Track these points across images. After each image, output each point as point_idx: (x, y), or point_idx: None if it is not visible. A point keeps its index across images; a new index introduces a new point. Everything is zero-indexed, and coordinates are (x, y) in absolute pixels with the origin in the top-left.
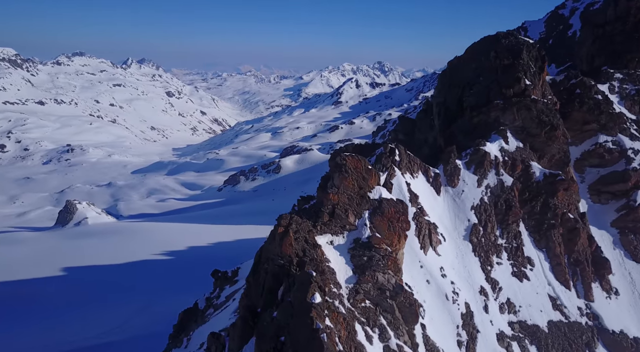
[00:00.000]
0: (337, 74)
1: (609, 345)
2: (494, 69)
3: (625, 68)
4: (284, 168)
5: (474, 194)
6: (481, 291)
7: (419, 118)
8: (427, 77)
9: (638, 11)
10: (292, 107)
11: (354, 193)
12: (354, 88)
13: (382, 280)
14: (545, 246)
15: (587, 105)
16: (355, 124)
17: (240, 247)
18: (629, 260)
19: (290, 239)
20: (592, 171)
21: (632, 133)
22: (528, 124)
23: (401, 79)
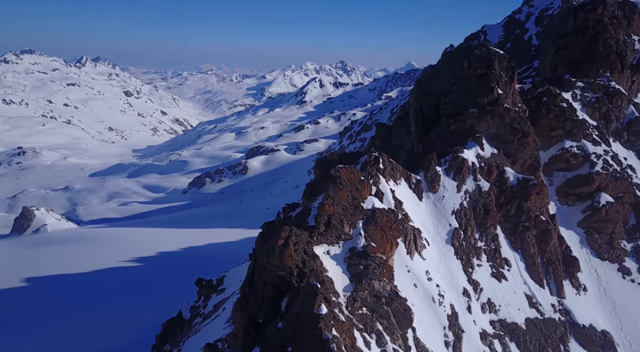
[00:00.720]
0: (300, 73)
1: (580, 339)
2: (468, 78)
3: (585, 77)
4: (250, 169)
5: (454, 199)
6: (464, 293)
7: (396, 124)
8: (389, 77)
9: (595, 24)
10: (256, 107)
11: (348, 204)
12: (318, 88)
13: (378, 287)
14: (520, 247)
15: (554, 112)
16: (320, 123)
17: (212, 251)
18: (594, 258)
19: (290, 251)
20: (559, 175)
21: (594, 138)
22: (501, 132)
23: (363, 78)
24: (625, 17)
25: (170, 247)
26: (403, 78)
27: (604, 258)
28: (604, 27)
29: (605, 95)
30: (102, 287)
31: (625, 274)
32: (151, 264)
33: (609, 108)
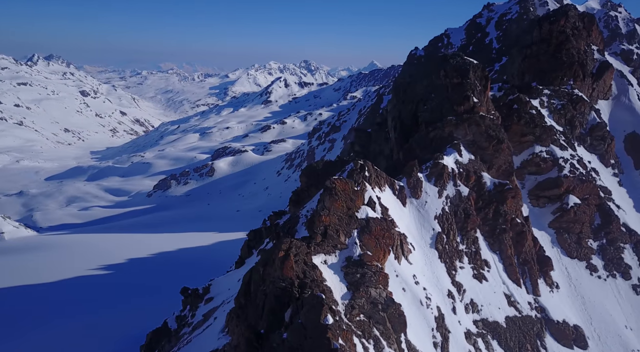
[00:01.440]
0: (264, 73)
1: (555, 334)
2: (445, 87)
3: (551, 85)
4: (217, 171)
5: (436, 204)
6: (449, 294)
7: (374, 131)
8: (354, 77)
9: (559, 34)
10: (220, 107)
11: (343, 214)
12: (283, 87)
13: (375, 294)
14: (498, 249)
15: (524, 119)
16: (287, 123)
17: (184, 257)
18: (564, 256)
19: (291, 263)
20: (530, 178)
21: (561, 144)
22: (478, 138)
23: (328, 78)
24: (585, 28)
25: (141, 253)
26: (367, 78)
27: (573, 256)
28: (567, 38)
29: (569, 102)
30: (73, 298)
31: (592, 271)
32: (122, 272)
33: (574, 114)
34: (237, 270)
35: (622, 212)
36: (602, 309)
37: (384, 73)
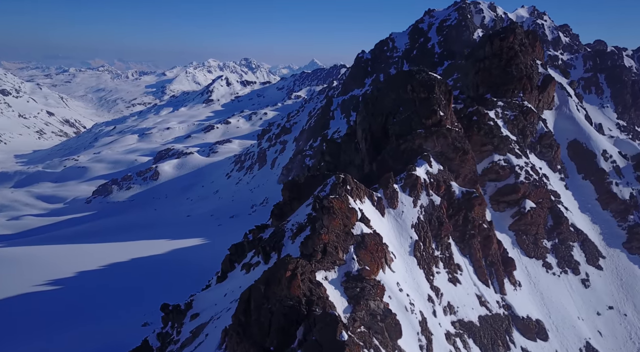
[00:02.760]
0: (203, 71)
1: (521, 329)
2: (412, 101)
3: (503, 96)
4: (162, 174)
5: (412, 213)
6: (429, 299)
7: (344, 141)
8: (297, 76)
9: (508, 50)
10: (159, 106)
11: (340, 231)
12: (225, 86)
13: (374, 306)
14: (468, 253)
15: (484, 130)
16: (231, 123)
17: (139, 268)
18: (524, 256)
19: (298, 282)
20: (490, 185)
21: (516, 152)
22: (445, 150)
23: (269, 76)
24: (530, 45)
25: (90, 265)
26: (310, 77)
27: (531, 256)
28: (515, 54)
29: (521, 114)
30: (22, 319)
31: (548, 268)
32: (73, 287)
33: (525, 124)
34: (219, 284)
35: (570, 214)
36: (558, 303)
37: (327, 72)
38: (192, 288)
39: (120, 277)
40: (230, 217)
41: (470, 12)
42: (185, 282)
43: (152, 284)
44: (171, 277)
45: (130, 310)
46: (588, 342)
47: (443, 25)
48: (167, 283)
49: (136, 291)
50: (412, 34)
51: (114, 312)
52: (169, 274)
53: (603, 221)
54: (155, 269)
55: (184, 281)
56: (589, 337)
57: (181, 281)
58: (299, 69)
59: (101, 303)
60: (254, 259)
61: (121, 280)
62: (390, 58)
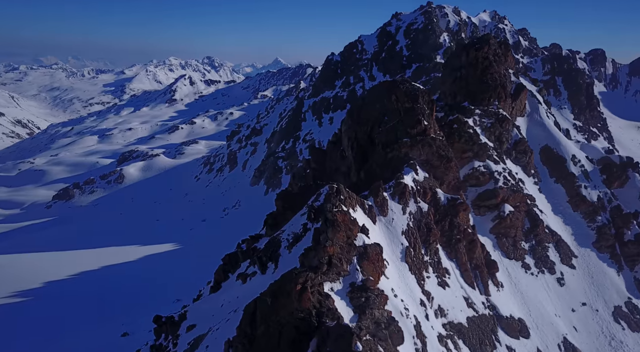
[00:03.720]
0: (164, 69)
1: (505, 328)
2: (397, 110)
3: (480, 104)
4: (127, 177)
5: (401, 221)
6: (421, 303)
7: (329, 149)
8: (262, 75)
9: (483, 60)
10: (119, 106)
11: (344, 243)
12: (188, 85)
13: (378, 315)
14: (455, 257)
15: (464, 137)
16: (196, 123)
17: (112, 276)
18: (504, 258)
19: (308, 295)
20: (471, 190)
21: (494, 158)
22: (430, 158)
23: (232, 74)
24: (503, 54)
25: (59, 274)
26: (276, 77)
27: (510, 258)
28: (490, 63)
29: (497, 121)
30: None
31: (526, 269)
32: (43, 297)
33: (501, 132)
34: (213, 295)
35: (545, 216)
36: (537, 301)
37: (293, 72)
38: (170, 297)
39: (93, 286)
40: (202, 220)
41: (436, 16)
42: (161, 291)
43: (127, 292)
44: (146, 285)
45: (107, 320)
46: (565, 338)
47: (410, 29)
48: (143, 291)
49: (111, 301)
50: (381, 37)
51: (90, 324)
52: (144, 281)
53: (574, 222)
54: (129, 276)
55: (160, 289)
56: (566, 333)
57: (158, 289)
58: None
59: (76, 314)
60: (249, 269)
61: (93, 289)
62: (359, 60)
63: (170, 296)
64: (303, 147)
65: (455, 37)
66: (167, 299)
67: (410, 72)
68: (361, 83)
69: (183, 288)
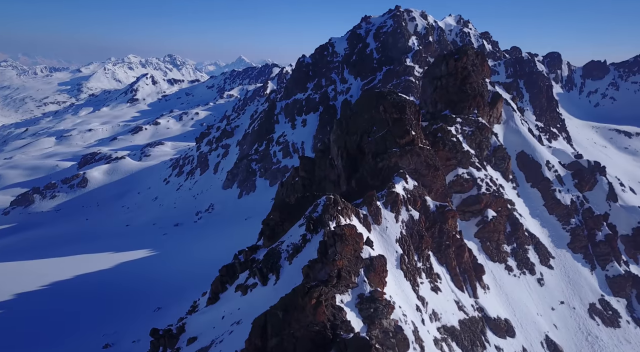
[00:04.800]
0: (123, 67)
1: (493, 328)
2: (385, 121)
3: (461, 113)
4: (91, 181)
5: (395, 229)
6: (417, 308)
7: (318, 157)
8: (227, 74)
9: (462, 70)
10: (77, 106)
11: (351, 256)
12: (151, 84)
13: (386, 324)
14: (445, 262)
15: (448, 145)
16: (160, 124)
17: (87, 285)
18: (489, 261)
19: (323, 308)
20: (456, 196)
21: (476, 165)
22: (419, 167)
23: (195, 73)
24: (480, 64)
25: (30, 285)
26: (241, 76)
27: (495, 260)
28: (469, 73)
29: (477, 129)
30: None
31: (509, 271)
32: (16, 311)
33: (481, 139)
34: (212, 306)
35: (524, 219)
36: (520, 301)
37: (259, 71)
38: (151, 305)
39: (68, 297)
40: (174, 225)
41: (405, 19)
42: (141, 299)
43: (104, 302)
44: (124, 294)
45: (86, 332)
46: (547, 336)
47: (380, 32)
48: (121, 300)
49: (87, 311)
50: (351, 40)
51: (68, 336)
52: (121, 290)
53: (550, 225)
54: (104, 285)
55: (139, 298)
56: (548, 331)
57: (136, 298)
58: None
59: (54, 327)
60: (249, 281)
61: (70, 300)
62: (330, 63)
63: (151, 304)
64: (277, 149)
65: (424, 41)
66: (148, 307)
67: (381, 74)
68: (333, 85)
69: (164, 296)
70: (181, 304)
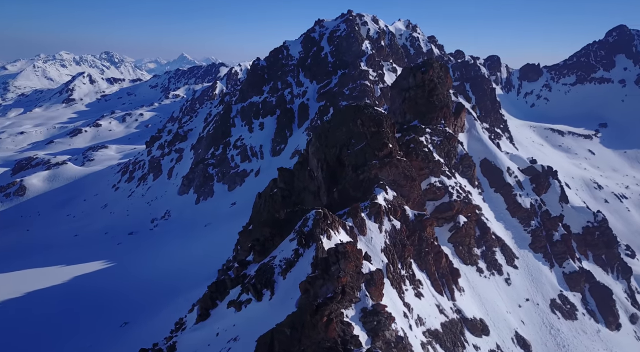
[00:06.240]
0: (55, 65)
1: (470, 329)
2: (363, 134)
3: (429, 123)
4: (30, 189)
5: (379, 239)
6: (404, 315)
7: (296, 169)
8: (172, 73)
9: (429, 82)
10: (4, 106)
11: (354, 271)
12: (88, 83)
13: (388, 336)
14: (425, 268)
15: (420, 156)
16: (102, 126)
17: (42, 302)
18: (462, 264)
19: (334, 325)
20: (430, 204)
21: (447, 174)
22: (397, 178)
23: (135, 71)
24: (444, 76)
25: None
26: (187, 75)
27: (467, 263)
28: (435, 86)
29: (445, 139)
30: None
31: (480, 273)
32: None
33: (449, 148)
34: (203, 323)
35: (490, 223)
36: (492, 301)
37: (205, 70)
38: (115, 321)
39: (16, 317)
40: (129, 234)
41: (357, 24)
42: (102, 315)
43: (61, 321)
44: (83, 310)
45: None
46: (516, 332)
47: (334, 36)
48: (81, 317)
49: (44, 331)
50: (305, 43)
51: None
52: (79, 306)
53: (513, 227)
54: (59, 302)
55: (101, 313)
56: (517, 327)
57: (97, 314)
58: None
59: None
60: (243, 297)
61: (18, 320)
62: (285, 66)
63: (115, 320)
64: (235, 153)
65: (376, 45)
66: (112, 323)
67: (337, 78)
68: (289, 88)
69: (128, 310)
70: (150, 318)
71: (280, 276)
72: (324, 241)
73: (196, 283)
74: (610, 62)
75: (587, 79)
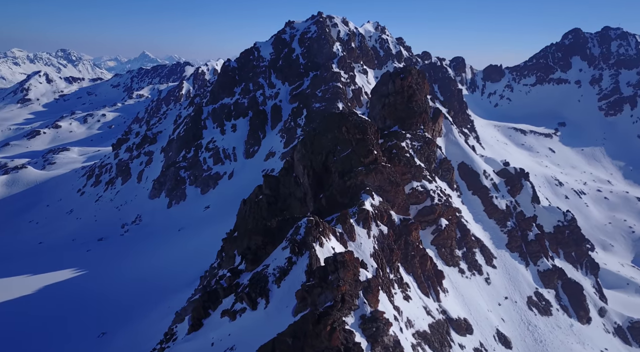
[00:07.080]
0: (7, 63)
1: (455, 328)
2: (349, 141)
3: (409, 129)
4: None
5: (368, 244)
6: (395, 318)
7: (282, 175)
8: (134, 72)
9: (408, 88)
10: None
11: (352, 280)
12: (45, 83)
13: (387, 341)
14: (412, 272)
15: (403, 161)
16: (62, 127)
17: (7, 315)
18: (445, 266)
19: (337, 334)
20: (413, 207)
21: (428, 178)
22: (383, 184)
23: (94, 69)
24: (422, 82)
25: None
26: (150, 74)
27: (449, 265)
28: (414, 92)
29: (425, 144)
30: None
31: (462, 273)
32: None
33: (429, 153)
34: (196, 333)
35: (470, 225)
36: (474, 301)
37: (170, 70)
38: (92, 332)
39: None
40: (98, 240)
41: (328, 26)
42: (78, 325)
43: (35, 333)
44: (56, 322)
45: None
46: (498, 329)
47: (305, 37)
48: (54, 329)
49: (17, 346)
50: (276, 44)
51: None
52: (52, 318)
53: (490, 228)
54: (31, 314)
55: (76, 324)
56: (497, 325)
57: (73, 325)
58: (129, 62)
59: None
60: (237, 306)
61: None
62: (257, 67)
63: (92, 330)
64: (207, 155)
65: (346, 47)
66: (88, 334)
67: (309, 80)
68: (261, 90)
69: (104, 320)
70: (129, 328)
71: (274, 284)
72: (317, 249)
73: (175, 289)
74: (567, 64)
75: (546, 80)
